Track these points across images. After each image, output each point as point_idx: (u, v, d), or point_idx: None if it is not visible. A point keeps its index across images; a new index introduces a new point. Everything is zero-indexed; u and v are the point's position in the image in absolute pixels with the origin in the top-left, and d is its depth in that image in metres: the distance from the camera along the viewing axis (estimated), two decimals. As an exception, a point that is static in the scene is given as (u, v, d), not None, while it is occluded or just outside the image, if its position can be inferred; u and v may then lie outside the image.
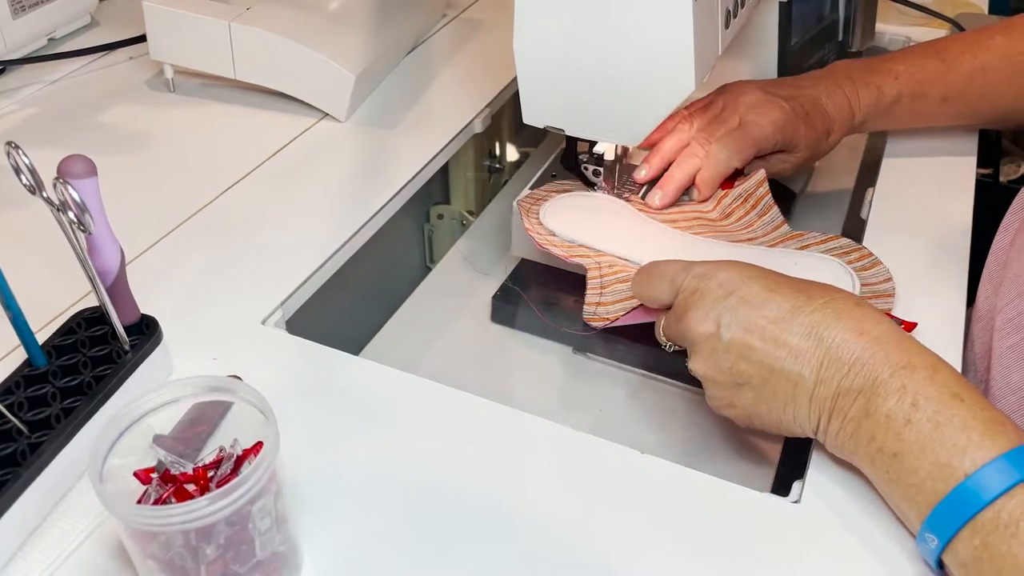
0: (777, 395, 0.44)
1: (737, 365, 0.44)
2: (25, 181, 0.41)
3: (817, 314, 0.43)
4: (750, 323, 0.43)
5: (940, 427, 0.38)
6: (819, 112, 0.63)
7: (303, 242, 0.62)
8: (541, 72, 0.57)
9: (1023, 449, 0.37)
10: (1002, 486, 0.36)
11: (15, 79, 0.80)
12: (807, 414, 0.43)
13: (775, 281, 0.45)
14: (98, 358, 0.46)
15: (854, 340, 0.41)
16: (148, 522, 0.34)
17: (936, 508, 0.38)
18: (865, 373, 0.41)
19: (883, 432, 0.40)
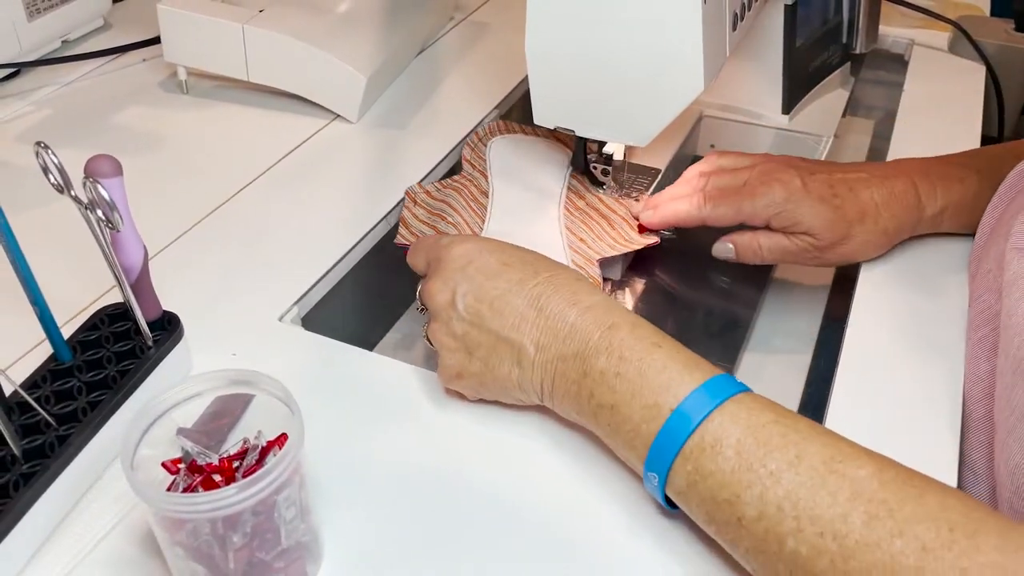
0: (503, 362, 0.47)
1: (469, 332, 0.47)
2: (53, 180, 0.42)
3: (540, 287, 0.47)
4: (482, 293, 0.47)
5: (644, 374, 0.42)
6: (854, 198, 0.58)
7: (317, 240, 0.63)
8: (552, 74, 0.58)
9: (715, 379, 0.41)
10: (701, 413, 0.40)
11: (30, 81, 0.82)
12: (530, 379, 0.46)
13: (510, 255, 0.49)
14: (122, 353, 0.47)
15: (569, 309, 0.45)
16: (178, 509, 0.35)
17: (651, 446, 0.41)
18: (579, 338, 0.45)
19: (600, 388, 0.43)
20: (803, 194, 0.57)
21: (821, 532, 0.36)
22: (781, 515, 0.37)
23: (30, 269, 0.43)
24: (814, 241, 0.58)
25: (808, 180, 0.57)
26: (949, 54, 0.88)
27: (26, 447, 0.42)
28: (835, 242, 0.58)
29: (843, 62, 0.84)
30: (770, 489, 0.37)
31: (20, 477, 0.41)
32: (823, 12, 0.80)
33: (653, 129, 0.58)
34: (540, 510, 0.44)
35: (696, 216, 0.59)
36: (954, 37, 0.88)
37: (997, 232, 0.55)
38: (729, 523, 0.39)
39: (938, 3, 0.92)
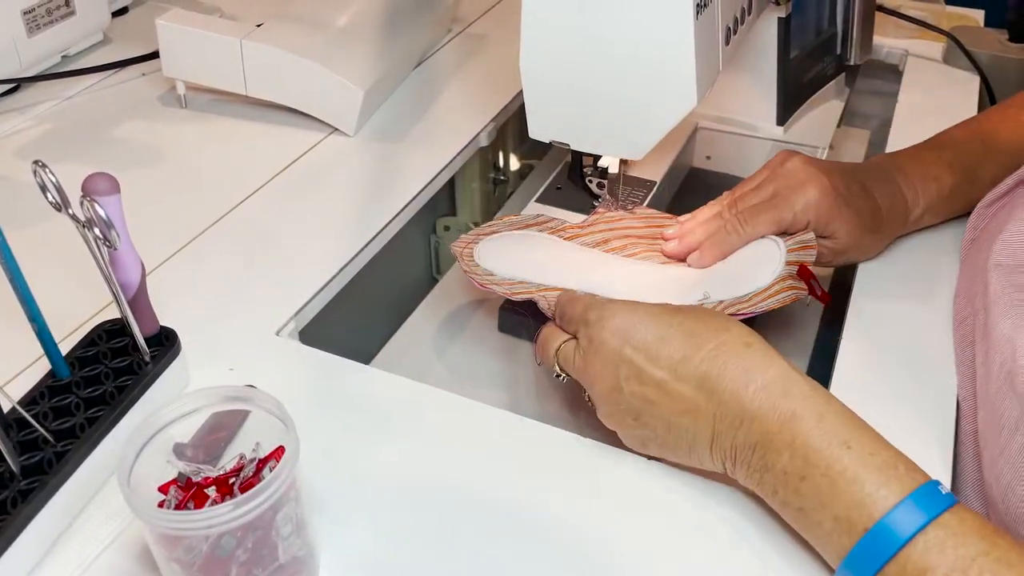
0: (680, 445, 0.44)
1: (640, 418, 0.45)
2: (52, 199, 0.42)
3: (706, 364, 0.43)
4: (646, 376, 0.44)
5: (834, 482, 0.39)
6: (867, 200, 0.58)
7: (314, 254, 0.63)
8: (547, 88, 0.58)
9: (914, 496, 0.37)
10: (901, 538, 0.37)
11: (30, 96, 0.82)
12: (711, 462, 0.44)
13: (667, 326, 0.45)
14: (119, 369, 0.48)
15: (742, 391, 0.42)
16: (174, 526, 0.35)
17: (845, 561, 0.38)
18: (756, 428, 0.41)
19: (783, 487, 0.41)
20: (835, 195, 0.56)
21: None
22: None
23: (28, 286, 0.43)
24: (831, 245, 0.58)
25: (833, 181, 0.57)
26: (943, 64, 0.89)
27: (24, 463, 0.42)
28: (849, 246, 0.58)
29: (838, 73, 0.84)
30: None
31: (18, 494, 0.41)
32: (817, 23, 0.80)
33: (647, 143, 0.58)
34: (540, 523, 0.45)
35: (739, 241, 0.57)
36: (948, 47, 0.88)
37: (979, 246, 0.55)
38: None
39: (932, 14, 0.93)
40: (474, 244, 0.60)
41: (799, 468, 0.40)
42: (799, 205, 0.56)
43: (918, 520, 0.37)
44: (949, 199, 0.61)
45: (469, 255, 0.60)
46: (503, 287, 0.57)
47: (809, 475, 0.39)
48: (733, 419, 0.42)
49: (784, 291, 0.54)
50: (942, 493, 0.38)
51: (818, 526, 0.39)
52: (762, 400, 0.41)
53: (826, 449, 0.39)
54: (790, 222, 0.57)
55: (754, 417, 0.41)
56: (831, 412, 0.41)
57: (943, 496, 0.38)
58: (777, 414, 0.41)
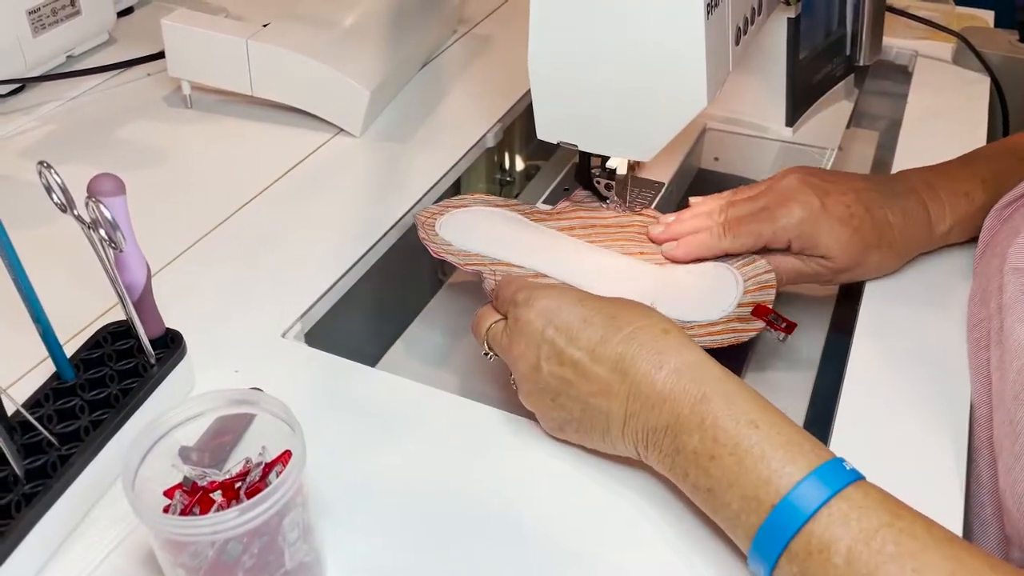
0: (595, 427, 0.45)
1: (557, 399, 0.45)
2: (56, 200, 0.42)
3: (622, 346, 0.43)
4: (565, 356, 0.45)
5: (741, 460, 0.39)
6: (871, 219, 0.57)
7: (320, 256, 0.63)
8: (555, 89, 0.58)
9: (819, 470, 0.38)
10: (806, 512, 0.37)
11: (35, 96, 0.82)
12: (624, 445, 0.45)
13: (591, 309, 0.45)
14: (124, 371, 0.47)
15: (655, 373, 0.42)
16: (179, 532, 0.35)
17: (754, 539, 0.39)
18: (667, 409, 0.42)
19: (694, 469, 0.41)
20: (822, 214, 0.56)
21: None
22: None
23: (33, 288, 0.43)
24: (829, 264, 0.57)
25: (826, 200, 0.56)
26: (953, 65, 0.88)
27: (28, 467, 0.42)
28: (851, 265, 0.57)
29: (847, 74, 0.84)
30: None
31: (22, 497, 0.40)
32: (827, 24, 0.80)
33: (656, 144, 0.57)
34: (546, 528, 0.44)
35: (717, 248, 0.57)
36: (958, 48, 0.88)
37: (993, 249, 0.55)
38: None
39: (942, 14, 0.92)
40: (439, 215, 0.62)
41: (708, 448, 0.40)
42: (781, 222, 0.56)
43: (822, 494, 0.37)
44: (979, 214, 0.59)
45: (431, 225, 0.61)
46: (457, 257, 0.59)
47: (718, 455, 0.40)
48: (645, 401, 0.42)
49: (726, 332, 0.53)
50: (846, 468, 0.38)
51: (727, 507, 0.40)
52: (674, 383, 0.42)
53: (734, 428, 0.40)
54: (770, 238, 0.57)
55: (665, 399, 0.42)
56: (740, 394, 0.41)
57: (847, 471, 0.38)
58: (688, 396, 0.41)
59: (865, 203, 0.57)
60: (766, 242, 0.57)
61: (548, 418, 0.47)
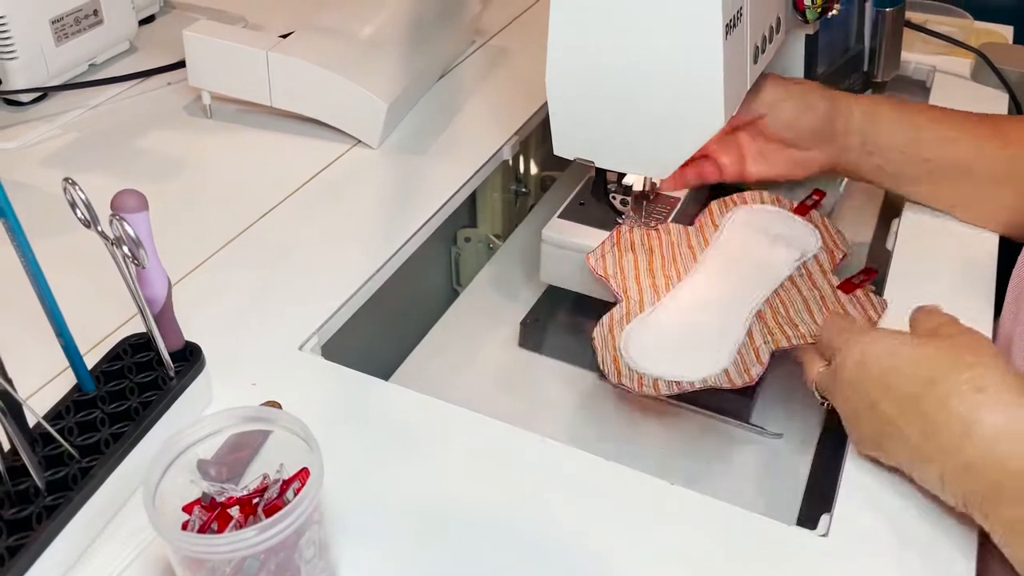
0: (914, 470, 0.45)
1: (884, 442, 0.46)
2: (80, 215, 0.43)
3: (930, 407, 0.43)
4: (880, 411, 0.45)
5: None
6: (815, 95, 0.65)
7: (337, 268, 0.63)
8: (572, 106, 0.58)
9: None
10: None
11: (57, 104, 0.83)
12: (946, 498, 0.44)
13: (923, 351, 0.45)
14: (144, 384, 0.48)
15: (962, 440, 0.41)
16: (199, 550, 0.35)
17: None
18: (984, 477, 0.40)
19: (1013, 538, 0.40)
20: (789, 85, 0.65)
21: None
22: None
23: (56, 303, 0.43)
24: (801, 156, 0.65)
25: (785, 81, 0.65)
26: (971, 81, 0.88)
27: (49, 479, 0.42)
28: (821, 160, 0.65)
29: (864, 89, 0.83)
30: None
31: (43, 509, 0.41)
32: (844, 40, 0.80)
33: (673, 162, 0.58)
34: (552, 544, 0.44)
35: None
36: (976, 64, 0.88)
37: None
38: None
39: (960, 30, 0.92)
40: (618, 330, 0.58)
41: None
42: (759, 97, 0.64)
43: None
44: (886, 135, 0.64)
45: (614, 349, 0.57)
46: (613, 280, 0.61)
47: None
48: (957, 462, 0.42)
49: None
50: None
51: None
52: (987, 454, 0.40)
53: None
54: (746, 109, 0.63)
55: (980, 467, 0.40)
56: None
57: None
58: (1003, 468, 0.40)
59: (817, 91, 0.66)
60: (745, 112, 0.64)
61: (887, 460, 0.47)
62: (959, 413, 0.41)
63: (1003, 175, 0.63)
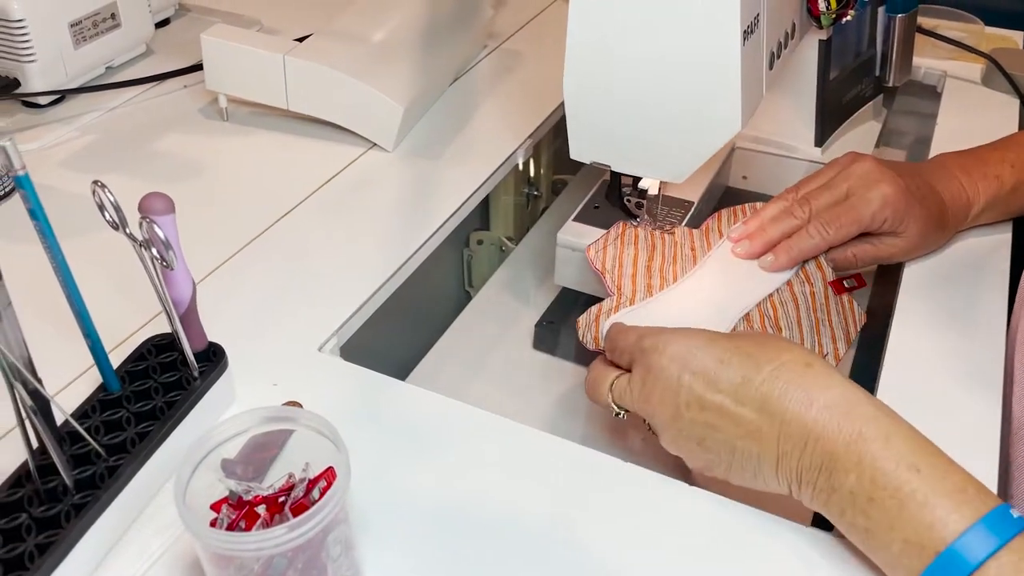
0: (745, 468, 0.44)
1: (703, 443, 0.45)
2: (109, 217, 0.43)
3: (766, 385, 0.43)
4: (707, 401, 0.44)
5: (903, 504, 0.38)
6: (935, 197, 0.60)
7: (354, 270, 0.64)
8: (589, 111, 0.59)
9: (987, 518, 0.37)
10: (972, 562, 0.36)
11: (75, 106, 0.83)
12: (777, 484, 0.44)
13: (724, 349, 0.45)
14: (168, 384, 0.48)
15: (804, 412, 0.41)
16: (229, 547, 0.36)
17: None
18: (820, 449, 0.41)
19: (851, 509, 0.40)
20: (907, 193, 0.58)
21: None
22: None
23: (85, 304, 0.44)
24: (902, 243, 0.59)
25: (905, 181, 0.58)
26: (982, 86, 0.88)
27: (77, 477, 0.43)
28: (919, 244, 0.60)
29: (876, 94, 0.84)
30: None
31: (72, 508, 0.42)
32: (857, 45, 0.80)
33: (689, 167, 0.58)
34: (579, 543, 0.45)
35: (823, 245, 0.59)
36: (987, 70, 0.88)
37: None
38: None
39: (972, 36, 0.92)
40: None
41: (867, 490, 0.39)
42: (876, 203, 0.58)
43: (989, 545, 0.36)
44: (1010, 196, 0.63)
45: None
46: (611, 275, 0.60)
47: (877, 497, 0.39)
48: (797, 440, 0.42)
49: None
50: (1013, 516, 0.38)
51: (886, 548, 0.39)
52: (826, 420, 0.41)
53: (894, 471, 0.39)
54: (869, 222, 0.58)
55: (817, 438, 0.41)
56: (898, 433, 0.40)
57: (1015, 520, 0.37)
58: (842, 434, 0.40)
59: (928, 184, 0.60)
60: (866, 226, 0.58)
61: (694, 460, 0.47)
62: (793, 389, 0.42)
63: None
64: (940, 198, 0.60)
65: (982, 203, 0.62)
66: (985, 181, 0.62)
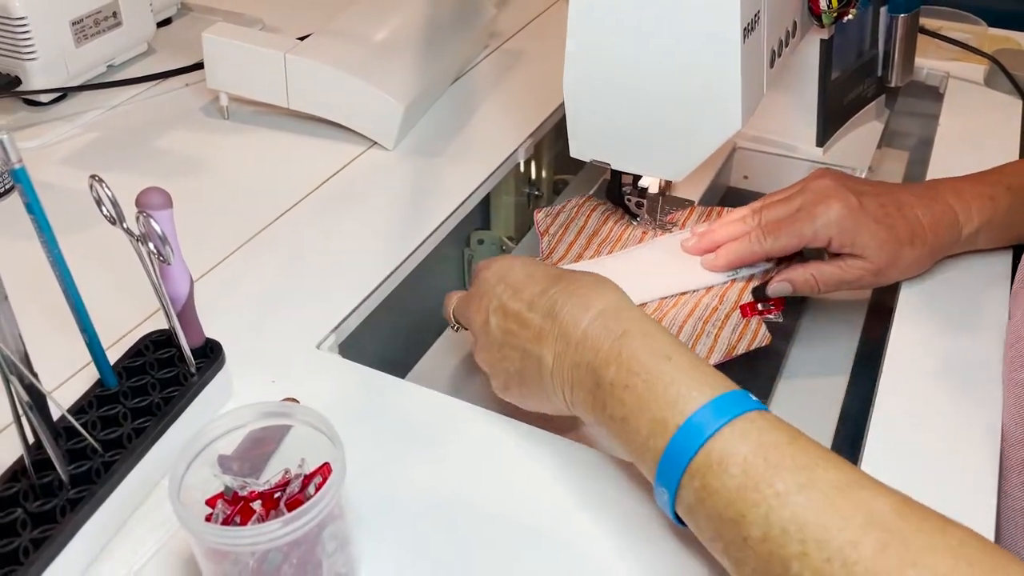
0: (531, 377, 0.47)
1: (502, 350, 0.49)
2: (106, 212, 0.43)
3: (557, 295, 0.46)
4: (509, 308, 0.48)
5: (652, 387, 0.41)
6: (902, 218, 0.58)
7: (354, 268, 0.64)
8: (590, 110, 0.59)
9: (724, 396, 0.40)
10: (708, 430, 0.39)
11: (77, 104, 0.84)
12: (553, 389, 0.47)
13: (536, 267, 0.49)
14: (165, 380, 0.48)
15: (581, 315, 0.45)
16: (224, 542, 0.35)
17: (660, 461, 0.41)
18: (589, 346, 0.44)
19: (611, 400, 0.43)
20: (860, 212, 0.57)
21: (828, 558, 0.34)
22: (786, 538, 0.36)
23: (82, 300, 0.44)
24: (867, 265, 0.58)
25: (862, 200, 0.58)
26: (985, 87, 0.88)
27: (73, 472, 0.43)
28: (887, 264, 0.58)
29: (878, 94, 0.84)
30: (776, 510, 0.36)
31: (67, 502, 0.42)
32: (859, 45, 0.80)
33: (689, 165, 0.58)
34: (576, 540, 0.45)
35: (760, 252, 0.59)
36: (990, 70, 0.88)
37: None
38: (735, 542, 0.38)
39: (974, 36, 0.92)
40: None
41: (624, 378, 0.42)
42: (821, 220, 0.57)
43: (725, 415, 0.39)
44: (1007, 220, 0.61)
45: None
46: None
47: (631, 383, 0.42)
48: (570, 340, 0.45)
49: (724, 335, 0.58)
50: (752, 399, 0.40)
51: (637, 433, 0.42)
52: (598, 324, 0.44)
53: (649, 360, 0.42)
54: (811, 237, 0.58)
55: (588, 337, 0.44)
56: (658, 333, 0.44)
57: (753, 401, 0.40)
58: (609, 333, 0.44)
59: (897, 203, 0.59)
60: (808, 241, 0.58)
61: (496, 374, 0.50)
62: (576, 298, 0.46)
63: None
64: (911, 219, 0.58)
65: (975, 224, 0.60)
66: (979, 201, 0.61)
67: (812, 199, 0.58)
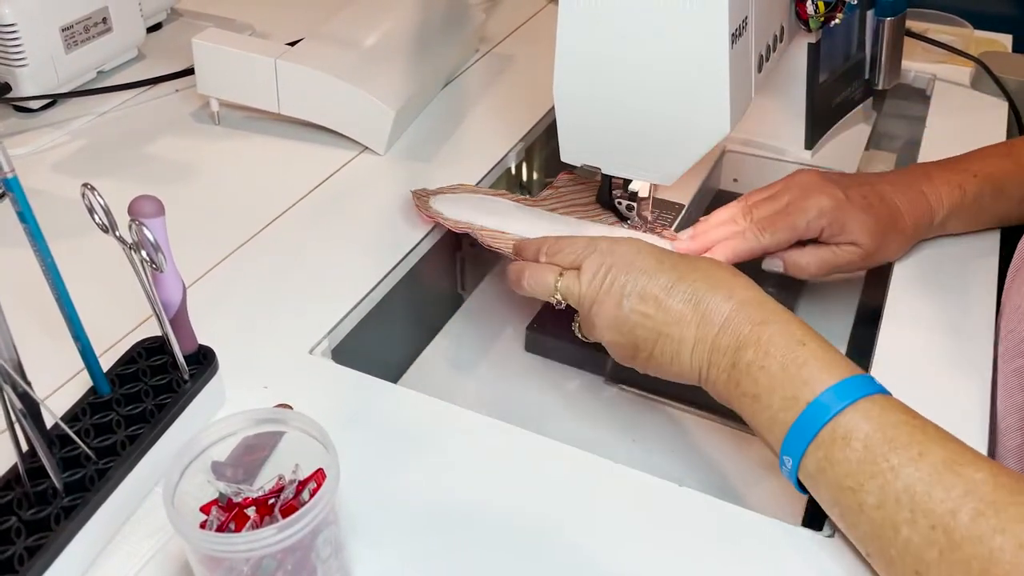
0: (664, 354, 0.51)
1: (634, 331, 0.52)
2: (99, 220, 0.43)
3: (697, 284, 0.50)
4: (646, 293, 0.51)
5: (787, 368, 0.46)
6: (884, 206, 0.62)
7: (346, 273, 0.64)
8: (580, 114, 0.59)
9: (852, 379, 0.44)
10: (836, 407, 0.43)
11: (66, 111, 0.84)
12: (690, 368, 0.50)
13: (664, 253, 0.53)
14: (158, 387, 0.48)
15: (724, 303, 0.49)
16: (218, 549, 0.36)
17: (788, 433, 0.45)
18: (731, 331, 0.48)
19: (745, 379, 0.47)
20: (847, 203, 0.60)
21: (933, 525, 0.39)
22: (898, 506, 0.40)
23: (74, 307, 0.44)
24: (857, 250, 0.61)
25: (848, 192, 0.61)
26: (971, 90, 0.89)
27: (67, 480, 0.43)
28: (876, 249, 0.62)
29: (865, 97, 0.84)
30: (891, 482, 0.41)
31: (61, 510, 0.42)
32: (846, 49, 0.81)
33: (678, 169, 0.59)
34: (570, 545, 0.45)
35: (757, 248, 0.61)
36: (976, 73, 0.89)
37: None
38: (851, 508, 0.42)
39: (960, 39, 0.93)
40: (434, 195, 0.69)
41: (760, 359, 0.47)
42: (812, 213, 0.60)
43: (852, 396, 0.43)
44: (974, 206, 0.64)
45: (425, 198, 0.69)
46: (448, 222, 0.66)
47: (767, 365, 0.46)
48: (712, 326, 0.49)
49: None
50: (876, 383, 0.44)
51: (768, 408, 0.46)
52: (740, 310, 0.49)
53: (785, 345, 0.46)
54: (804, 229, 0.61)
55: (731, 322, 0.49)
56: (795, 322, 0.48)
57: (877, 385, 0.44)
58: (750, 320, 0.48)
59: (878, 193, 0.62)
60: (801, 233, 0.61)
61: (621, 347, 0.53)
62: (718, 288, 0.50)
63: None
64: (892, 206, 0.62)
65: (945, 211, 0.64)
66: (948, 188, 0.64)
67: (800, 194, 0.61)
